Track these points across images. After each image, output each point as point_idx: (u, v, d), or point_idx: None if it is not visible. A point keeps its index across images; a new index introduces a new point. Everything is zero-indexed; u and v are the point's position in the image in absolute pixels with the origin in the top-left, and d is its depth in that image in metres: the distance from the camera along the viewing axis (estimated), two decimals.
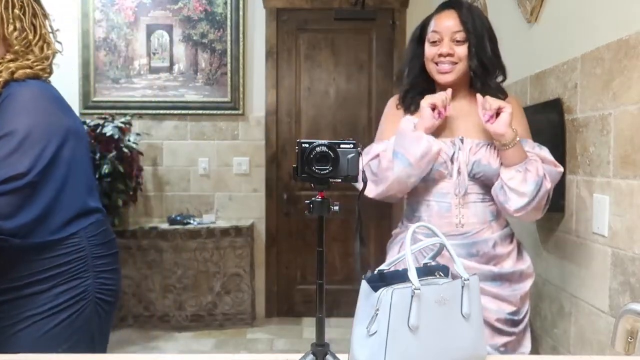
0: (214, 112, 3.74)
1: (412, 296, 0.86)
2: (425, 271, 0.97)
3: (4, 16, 1.19)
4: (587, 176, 1.56)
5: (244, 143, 3.79)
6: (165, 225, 3.56)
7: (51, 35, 1.31)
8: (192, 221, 3.58)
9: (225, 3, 3.69)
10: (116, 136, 3.23)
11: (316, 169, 0.86)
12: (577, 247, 1.62)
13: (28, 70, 1.21)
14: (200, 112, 3.74)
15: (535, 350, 1.91)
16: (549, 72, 1.81)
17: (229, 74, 3.72)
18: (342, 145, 0.88)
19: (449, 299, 0.90)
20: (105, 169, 3.14)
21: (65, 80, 3.18)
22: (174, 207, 3.78)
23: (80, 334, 1.24)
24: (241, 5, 3.68)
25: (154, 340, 3.35)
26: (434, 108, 1.42)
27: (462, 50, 1.45)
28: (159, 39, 3.73)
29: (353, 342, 0.91)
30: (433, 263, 1.01)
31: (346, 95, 3.77)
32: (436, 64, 1.47)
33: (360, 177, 0.89)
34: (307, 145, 0.87)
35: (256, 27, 3.73)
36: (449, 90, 1.44)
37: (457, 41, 1.45)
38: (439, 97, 1.42)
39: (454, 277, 0.97)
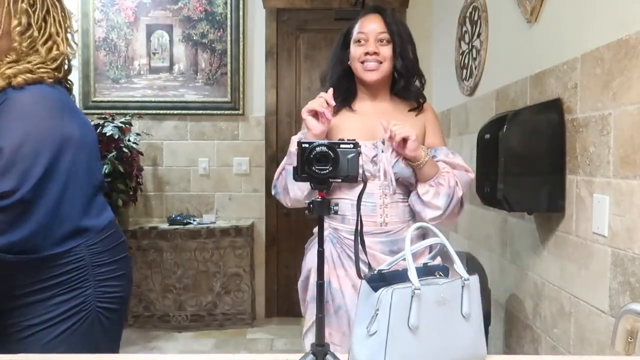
0: (214, 112, 3.74)
1: (412, 296, 0.86)
2: (425, 271, 0.97)
3: (11, 9, 1.12)
4: (587, 176, 1.56)
5: (244, 143, 3.79)
6: (165, 225, 3.56)
7: (69, 35, 1.23)
8: (192, 221, 3.58)
9: (225, 3, 3.69)
10: (116, 136, 3.24)
11: (316, 169, 0.86)
12: (577, 247, 1.62)
13: (28, 75, 1.13)
14: (200, 112, 3.74)
15: (535, 350, 1.91)
16: (549, 72, 1.81)
17: (229, 74, 3.72)
18: (342, 145, 0.88)
19: (449, 299, 0.90)
20: (105, 169, 3.14)
21: None
22: (174, 207, 3.78)
23: (81, 346, 1.20)
24: (241, 5, 3.68)
25: (154, 340, 3.35)
26: (315, 115, 1.43)
27: (386, 51, 1.52)
28: (159, 39, 3.73)
29: (353, 342, 0.91)
30: (433, 263, 1.01)
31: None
32: (362, 63, 1.52)
33: (360, 177, 0.89)
34: (307, 146, 0.87)
35: (256, 27, 3.73)
36: (330, 90, 1.45)
37: (382, 41, 1.52)
38: (316, 102, 1.42)
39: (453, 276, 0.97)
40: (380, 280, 0.94)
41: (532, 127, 1.75)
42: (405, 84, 1.55)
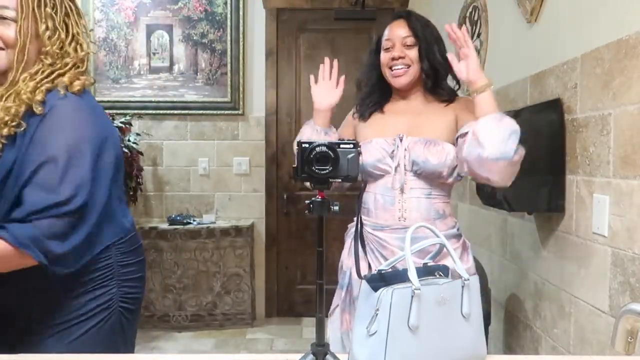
0: (214, 112, 3.74)
1: (412, 296, 0.86)
2: (425, 271, 0.97)
3: (37, 14, 1.15)
4: (587, 176, 1.56)
5: (244, 143, 3.79)
6: (165, 225, 3.56)
7: (85, 36, 1.26)
8: (192, 221, 3.58)
9: (225, 3, 3.69)
10: None
11: (316, 169, 0.86)
12: (577, 247, 1.62)
13: (79, 82, 1.17)
14: (200, 112, 3.74)
15: (535, 350, 1.91)
16: (548, 72, 1.81)
17: (229, 74, 3.72)
18: (342, 145, 0.88)
19: (449, 299, 0.90)
20: None
21: None
22: (174, 207, 3.78)
23: (105, 344, 1.21)
24: (241, 5, 3.68)
25: (154, 340, 3.35)
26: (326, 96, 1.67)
27: (412, 54, 1.56)
28: (159, 39, 3.73)
29: (353, 342, 0.91)
30: (433, 263, 1.01)
31: (346, 95, 3.74)
32: (391, 69, 1.58)
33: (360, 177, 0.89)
34: (307, 146, 0.87)
35: (256, 27, 3.73)
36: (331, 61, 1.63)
37: (408, 45, 1.57)
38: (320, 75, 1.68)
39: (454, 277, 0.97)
40: (380, 280, 0.94)
41: (532, 127, 1.74)
42: (433, 83, 1.57)
